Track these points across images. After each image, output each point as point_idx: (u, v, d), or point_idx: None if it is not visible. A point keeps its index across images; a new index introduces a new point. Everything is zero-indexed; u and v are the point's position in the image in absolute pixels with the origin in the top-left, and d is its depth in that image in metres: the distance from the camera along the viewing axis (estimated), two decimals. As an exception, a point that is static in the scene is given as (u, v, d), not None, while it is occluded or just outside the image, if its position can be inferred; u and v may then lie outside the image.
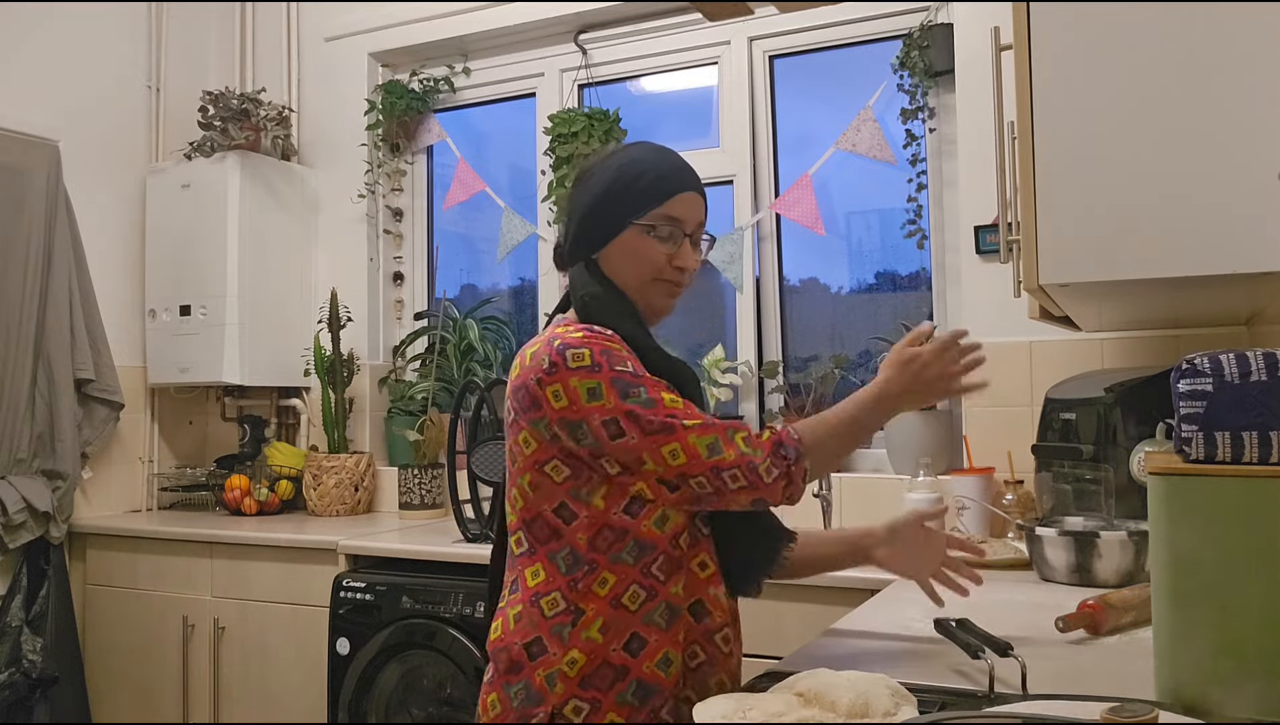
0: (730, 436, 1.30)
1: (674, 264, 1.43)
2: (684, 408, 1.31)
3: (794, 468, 1.31)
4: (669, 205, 1.41)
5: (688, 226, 1.44)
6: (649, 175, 1.42)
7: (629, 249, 1.42)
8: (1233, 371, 1.05)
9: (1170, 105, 1.30)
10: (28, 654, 3.04)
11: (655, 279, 1.43)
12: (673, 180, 1.43)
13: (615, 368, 1.30)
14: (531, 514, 1.35)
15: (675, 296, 1.48)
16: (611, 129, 3.31)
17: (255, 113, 3.49)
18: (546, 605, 1.33)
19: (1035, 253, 1.37)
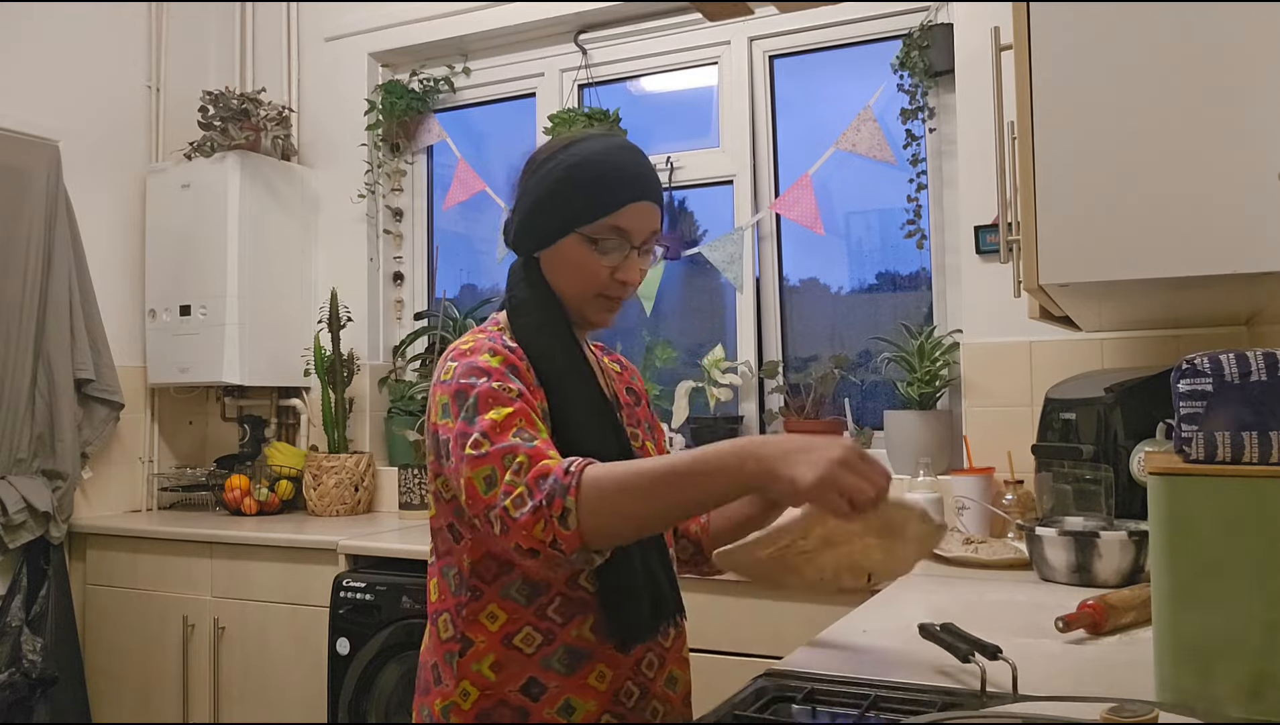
0: (508, 464, 1.09)
1: (617, 277, 1.30)
2: (500, 421, 1.12)
3: (549, 504, 1.04)
4: (618, 216, 1.27)
5: (636, 238, 1.29)
6: (599, 180, 1.28)
7: (569, 258, 1.29)
8: (1233, 371, 1.05)
9: (1170, 105, 1.30)
10: (28, 654, 3.04)
11: (597, 294, 1.31)
12: (625, 188, 1.28)
13: (461, 381, 1.18)
14: (437, 525, 1.30)
15: (614, 311, 1.34)
16: (612, 129, 3.31)
17: (255, 113, 3.49)
18: (441, 626, 1.27)
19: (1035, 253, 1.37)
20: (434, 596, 1.29)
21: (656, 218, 1.31)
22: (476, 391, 1.16)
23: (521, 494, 1.06)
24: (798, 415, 2.96)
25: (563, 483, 1.05)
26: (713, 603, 2.28)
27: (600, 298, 1.31)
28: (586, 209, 1.27)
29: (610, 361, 1.51)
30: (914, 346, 2.79)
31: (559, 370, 1.27)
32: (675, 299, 3.44)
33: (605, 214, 1.27)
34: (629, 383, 1.50)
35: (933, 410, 2.79)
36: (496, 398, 1.16)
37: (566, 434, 1.23)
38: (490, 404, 1.15)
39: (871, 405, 3.08)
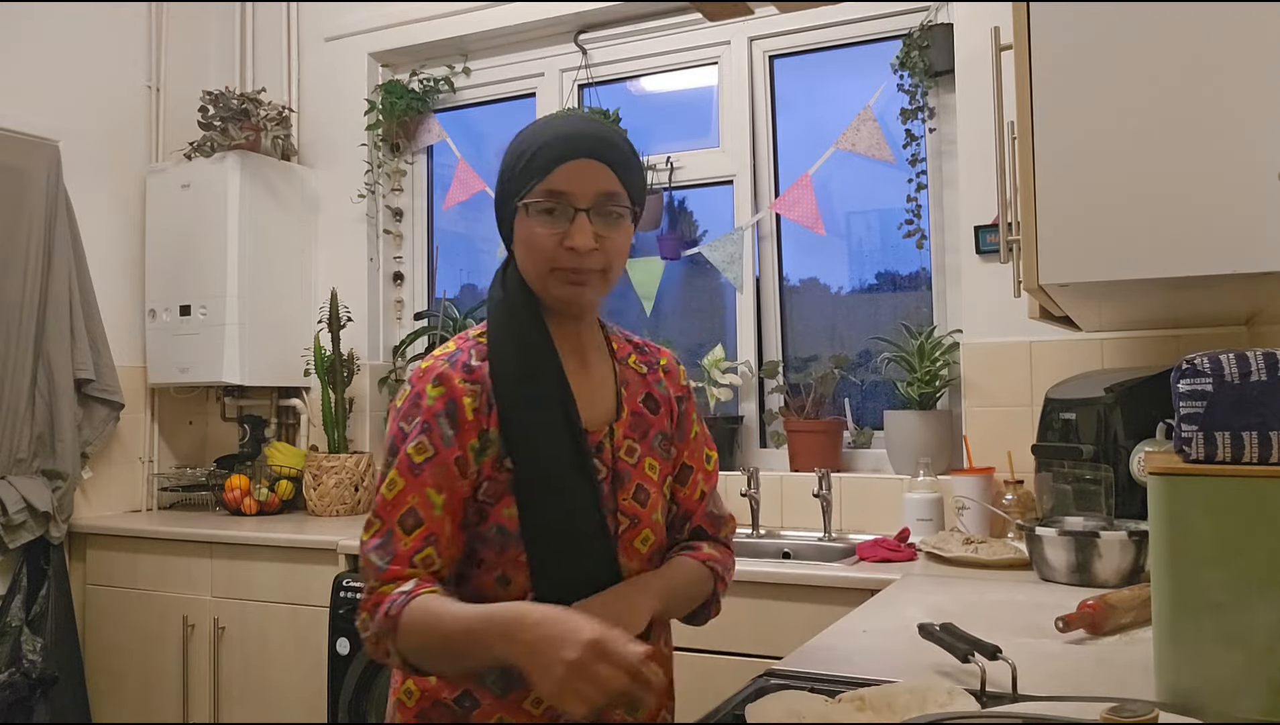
0: (366, 565, 1.19)
1: (565, 244, 1.22)
2: (391, 499, 1.19)
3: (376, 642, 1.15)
4: (552, 177, 1.22)
5: (579, 199, 1.22)
6: (533, 145, 1.24)
7: (521, 238, 1.25)
8: (1233, 371, 1.05)
9: (1170, 105, 1.30)
10: (28, 654, 3.04)
11: (553, 269, 1.24)
12: (555, 149, 1.22)
13: (399, 424, 1.23)
14: None
15: (581, 285, 1.25)
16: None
17: (255, 113, 3.49)
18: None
19: (1035, 253, 1.37)
20: None
21: (603, 176, 1.24)
22: (402, 449, 1.21)
23: (364, 619, 1.17)
24: (798, 415, 2.96)
25: (384, 626, 1.14)
26: (713, 603, 2.28)
27: (557, 272, 1.24)
28: (522, 179, 1.24)
29: (639, 361, 1.42)
30: (914, 346, 2.79)
31: (511, 405, 1.23)
32: (675, 299, 3.44)
33: (539, 178, 1.22)
34: (650, 388, 1.39)
35: (933, 410, 2.79)
36: (400, 465, 1.20)
37: (521, 489, 1.22)
38: (398, 469, 1.21)
39: (871, 405, 3.08)
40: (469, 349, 1.28)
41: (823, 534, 2.74)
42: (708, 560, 1.37)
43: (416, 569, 1.18)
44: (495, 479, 1.24)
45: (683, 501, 1.41)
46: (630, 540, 1.30)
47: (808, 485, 2.78)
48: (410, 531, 1.18)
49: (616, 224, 1.25)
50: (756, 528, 2.82)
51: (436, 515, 1.19)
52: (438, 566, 1.19)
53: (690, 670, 2.28)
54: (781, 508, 2.89)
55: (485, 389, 1.25)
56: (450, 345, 1.30)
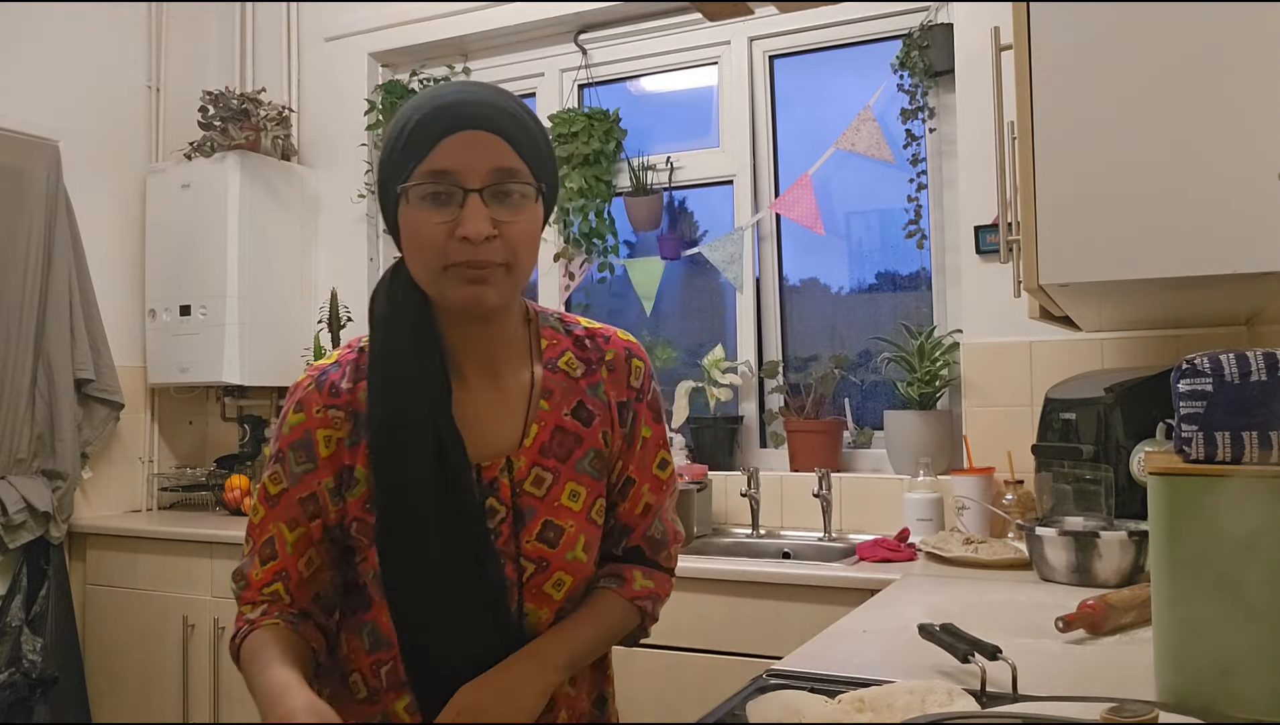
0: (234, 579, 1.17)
1: (457, 234, 1.02)
2: (256, 523, 1.15)
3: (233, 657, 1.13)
4: (434, 155, 1.03)
5: (468, 178, 1.03)
6: (409, 124, 1.05)
7: (406, 231, 1.07)
8: (1233, 371, 1.05)
9: (1170, 105, 1.30)
10: (28, 654, 3.04)
11: (446, 266, 1.04)
12: (435, 121, 1.03)
13: (272, 444, 1.17)
14: None
15: (481, 282, 1.05)
16: (611, 129, 3.31)
17: (255, 113, 3.49)
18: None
19: (1035, 253, 1.37)
20: None
21: (496, 150, 1.04)
22: (264, 474, 1.17)
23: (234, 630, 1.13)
24: (798, 415, 2.96)
25: (231, 649, 1.12)
26: (713, 603, 2.28)
27: (452, 270, 1.04)
28: (403, 160, 1.05)
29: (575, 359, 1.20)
30: (914, 346, 2.79)
31: (378, 432, 1.09)
32: (675, 299, 3.44)
33: (418, 158, 1.03)
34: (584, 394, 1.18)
35: (933, 410, 2.79)
36: (260, 493, 1.16)
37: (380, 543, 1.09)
38: (257, 493, 1.16)
39: (871, 405, 3.08)
40: (347, 365, 1.15)
41: (823, 534, 2.74)
42: (636, 599, 1.20)
43: (266, 599, 1.13)
44: (364, 521, 1.11)
45: (622, 516, 1.22)
46: (539, 586, 1.13)
47: (808, 485, 2.78)
48: (265, 562, 1.14)
49: (519, 206, 1.05)
50: (756, 528, 2.81)
51: (288, 553, 1.13)
52: (287, 601, 1.13)
53: (690, 670, 2.28)
54: (781, 508, 2.89)
55: (354, 416, 1.12)
56: (334, 355, 1.18)
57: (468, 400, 1.13)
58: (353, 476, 1.11)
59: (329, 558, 1.16)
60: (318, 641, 1.15)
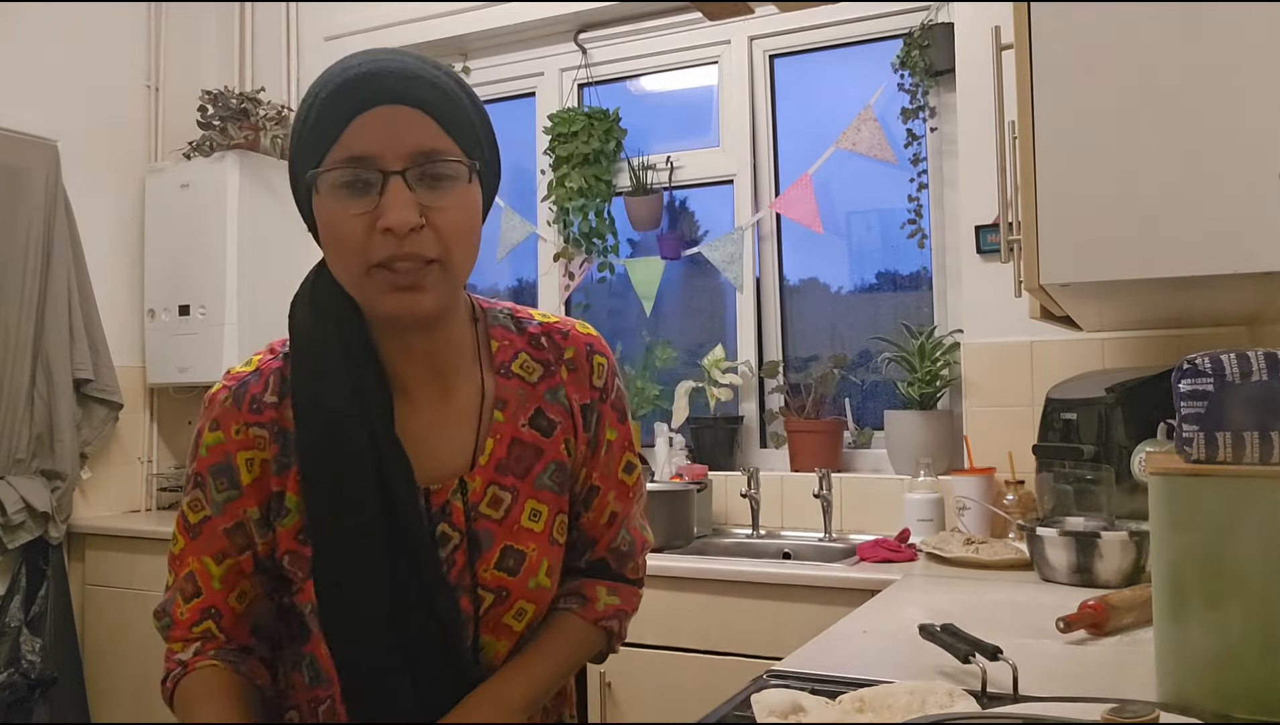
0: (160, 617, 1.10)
1: (379, 226, 0.89)
2: (177, 554, 1.06)
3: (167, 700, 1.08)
4: (345, 137, 0.89)
5: (388, 160, 0.89)
6: (317, 102, 0.91)
7: (322, 226, 0.93)
8: (1234, 371, 1.04)
9: (1171, 105, 1.30)
10: (26, 654, 3.03)
11: (367, 267, 0.91)
12: (345, 97, 0.89)
13: (189, 464, 1.06)
14: None
15: (412, 288, 0.91)
16: (611, 128, 3.31)
17: (254, 112, 3.48)
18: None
19: (1036, 252, 1.37)
20: None
21: (419, 126, 0.90)
22: (183, 499, 1.08)
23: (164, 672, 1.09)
24: (798, 415, 2.96)
25: (164, 693, 1.09)
26: (712, 603, 2.28)
27: (376, 272, 0.91)
28: (310, 145, 0.91)
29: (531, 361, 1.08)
30: (914, 346, 2.79)
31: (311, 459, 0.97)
32: (675, 299, 3.44)
33: (329, 142, 0.89)
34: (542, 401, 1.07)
35: (933, 410, 2.78)
36: (181, 523, 1.07)
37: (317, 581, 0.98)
38: (176, 521, 1.08)
39: (872, 405, 3.07)
40: (270, 374, 1.03)
41: (823, 534, 2.73)
42: (600, 619, 1.12)
43: (198, 637, 1.06)
44: (298, 553, 1.00)
45: (586, 527, 1.13)
46: (498, 618, 1.03)
47: (808, 485, 2.77)
48: (189, 599, 1.06)
49: (449, 190, 0.91)
50: (756, 528, 2.81)
51: (215, 588, 1.04)
52: (221, 639, 1.05)
53: (690, 670, 2.28)
54: (781, 508, 2.89)
55: (281, 436, 1.00)
56: (252, 360, 1.06)
57: (411, 417, 1.01)
58: (283, 505, 1.00)
59: (263, 587, 1.06)
60: (263, 678, 1.06)
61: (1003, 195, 1.80)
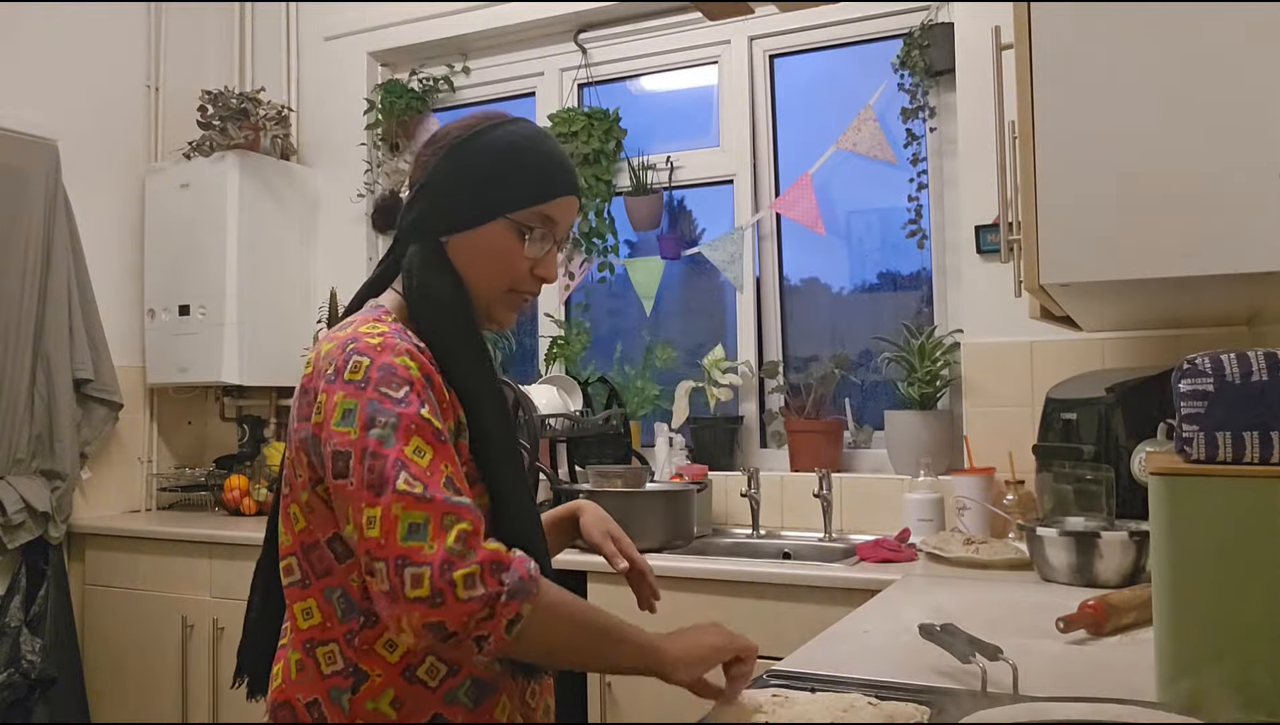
0: (447, 524, 0.96)
1: (536, 272, 1.21)
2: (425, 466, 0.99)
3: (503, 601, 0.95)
4: (552, 205, 1.20)
5: (560, 231, 1.23)
6: (538, 166, 1.20)
7: (490, 246, 1.18)
8: (1234, 371, 1.04)
9: (1171, 105, 1.30)
10: (26, 654, 3.03)
11: (510, 289, 1.21)
12: (560, 177, 1.22)
13: (379, 389, 1.03)
14: (311, 539, 1.12)
15: (518, 312, 1.25)
16: (611, 128, 3.30)
17: (254, 112, 3.48)
18: (323, 658, 1.10)
19: (1036, 252, 1.37)
20: (305, 622, 1.11)
21: (576, 213, 1.26)
22: (398, 412, 1.02)
23: (473, 575, 0.94)
24: (798, 415, 2.96)
25: (526, 586, 0.97)
26: (712, 603, 2.28)
27: (512, 294, 1.21)
28: (523, 193, 1.19)
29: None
30: (914, 346, 2.78)
31: (474, 389, 1.14)
32: (675, 299, 3.44)
33: (541, 201, 1.19)
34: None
35: (933, 410, 2.78)
36: (420, 429, 1.02)
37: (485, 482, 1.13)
38: (411, 433, 1.01)
39: (872, 405, 3.07)
40: (402, 332, 1.12)
41: (823, 534, 2.73)
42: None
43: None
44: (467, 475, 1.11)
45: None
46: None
47: (808, 485, 2.77)
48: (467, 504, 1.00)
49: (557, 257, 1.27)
50: (757, 528, 2.81)
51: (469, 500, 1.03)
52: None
53: (690, 671, 2.28)
54: (782, 508, 2.89)
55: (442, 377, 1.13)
56: (381, 326, 1.11)
57: None
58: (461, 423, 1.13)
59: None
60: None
61: (1003, 195, 1.80)
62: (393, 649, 1.08)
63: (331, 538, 1.10)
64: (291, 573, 1.13)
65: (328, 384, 1.05)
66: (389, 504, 0.97)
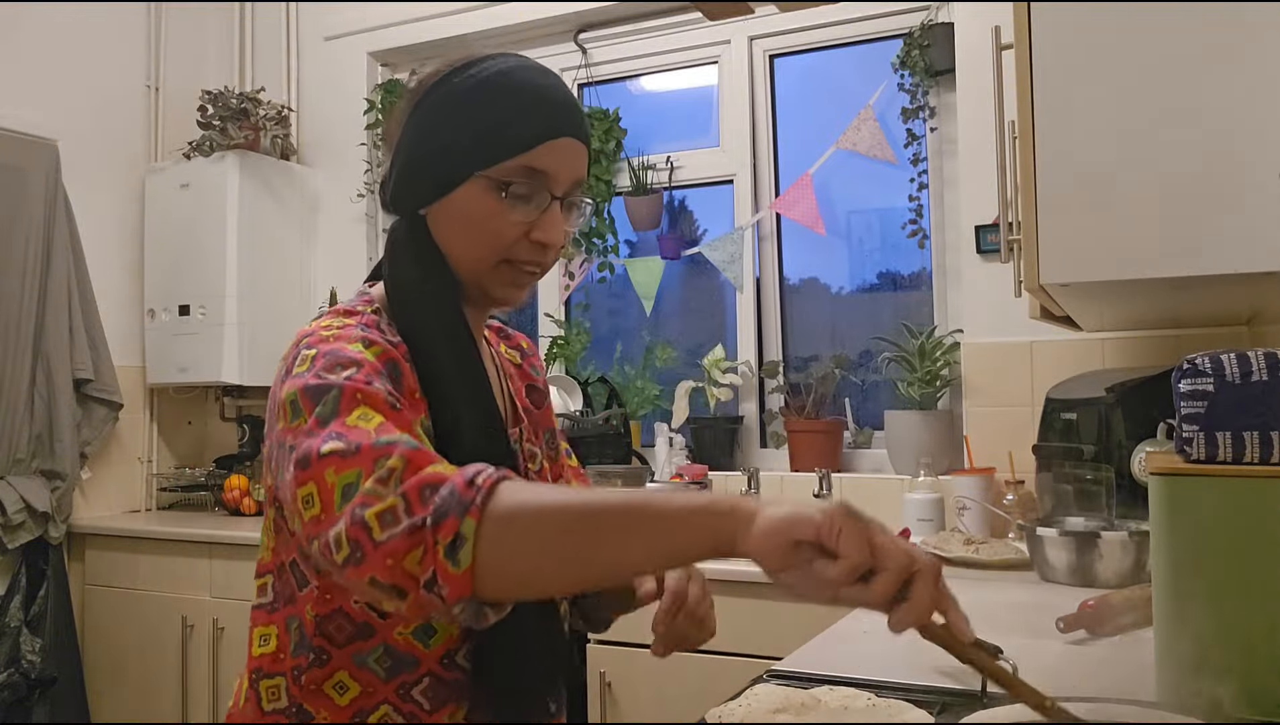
0: (377, 468, 0.79)
1: (533, 236, 0.99)
2: (371, 430, 0.82)
3: (434, 525, 0.75)
4: (535, 154, 0.98)
5: (558, 185, 1.00)
6: (514, 105, 0.98)
7: (467, 211, 0.98)
8: (1234, 371, 1.04)
9: (1171, 104, 1.30)
10: (26, 654, 3.03)
11: (502, 260, 1.00)
12: (544, 118, 0.98)
13: (321, 374, 0.87)
14: (274, 562, 1.00)
15: (524, 286, 1.03)
16: (611, 128, 3.31)
17: (254, 112, 3.48)
18: (266, 693, 0.98)
19: (1036, 252, 1.36)
20: (259, 650, 0.99)
21: (583, 161, 1.02)
22: (338, 386, 0.86)
23: (393, 508, 0.76)
24: (798, 415, 2.96)
25: (462, 498, 0.75)
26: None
27: (505, 265, 1.00)
28: (493, 144, 0.97)
29: (509, 348, 1.21)
30: (915, 346, 2.78)
31: (448, 375, 0.96)
32: (675, 299, 3.44)
33: (518, 151, 0.97)
34: (530, 377, 1.20)
35: (933, 410, 2.78)
36: (368, 398, 0.85)
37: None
38: (356, 403, 0.85)
39: (872, 405, 3.07)
40: (373, 323, 0.97)
41: (823, 534, 2.73)
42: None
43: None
44: None
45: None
46: None
47: (808, 485, 2.77)
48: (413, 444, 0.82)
49: (575, 218, 1.04)
50: (756, 528, 2.80)
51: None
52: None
53: (690, 670, 2.28)
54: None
55: (413, 368, 0.96)
56: (338, 318, 0.97)
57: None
58: (425, 426, 0.95)
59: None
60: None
61: (1003, 195, 1.80)
62: (343, 691, 0.94)
63: (292, 563, 0.98)
64: (264, 593, 1.01)
65: (278, 386, 0.91)
66: (320, 472, 0.80)
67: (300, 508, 0.81)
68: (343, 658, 0.95)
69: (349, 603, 0.94)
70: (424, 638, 0.95)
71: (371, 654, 0.94)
